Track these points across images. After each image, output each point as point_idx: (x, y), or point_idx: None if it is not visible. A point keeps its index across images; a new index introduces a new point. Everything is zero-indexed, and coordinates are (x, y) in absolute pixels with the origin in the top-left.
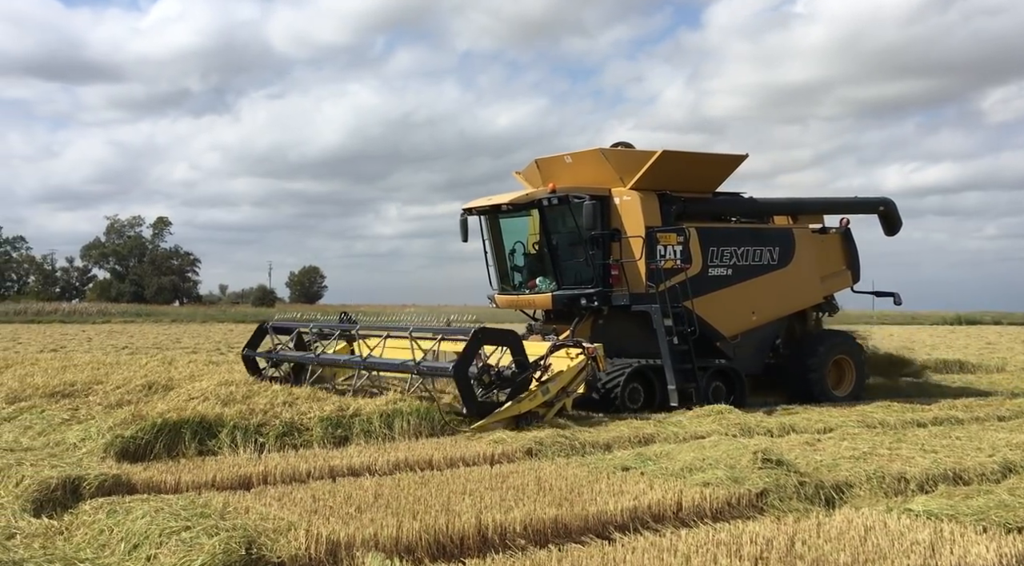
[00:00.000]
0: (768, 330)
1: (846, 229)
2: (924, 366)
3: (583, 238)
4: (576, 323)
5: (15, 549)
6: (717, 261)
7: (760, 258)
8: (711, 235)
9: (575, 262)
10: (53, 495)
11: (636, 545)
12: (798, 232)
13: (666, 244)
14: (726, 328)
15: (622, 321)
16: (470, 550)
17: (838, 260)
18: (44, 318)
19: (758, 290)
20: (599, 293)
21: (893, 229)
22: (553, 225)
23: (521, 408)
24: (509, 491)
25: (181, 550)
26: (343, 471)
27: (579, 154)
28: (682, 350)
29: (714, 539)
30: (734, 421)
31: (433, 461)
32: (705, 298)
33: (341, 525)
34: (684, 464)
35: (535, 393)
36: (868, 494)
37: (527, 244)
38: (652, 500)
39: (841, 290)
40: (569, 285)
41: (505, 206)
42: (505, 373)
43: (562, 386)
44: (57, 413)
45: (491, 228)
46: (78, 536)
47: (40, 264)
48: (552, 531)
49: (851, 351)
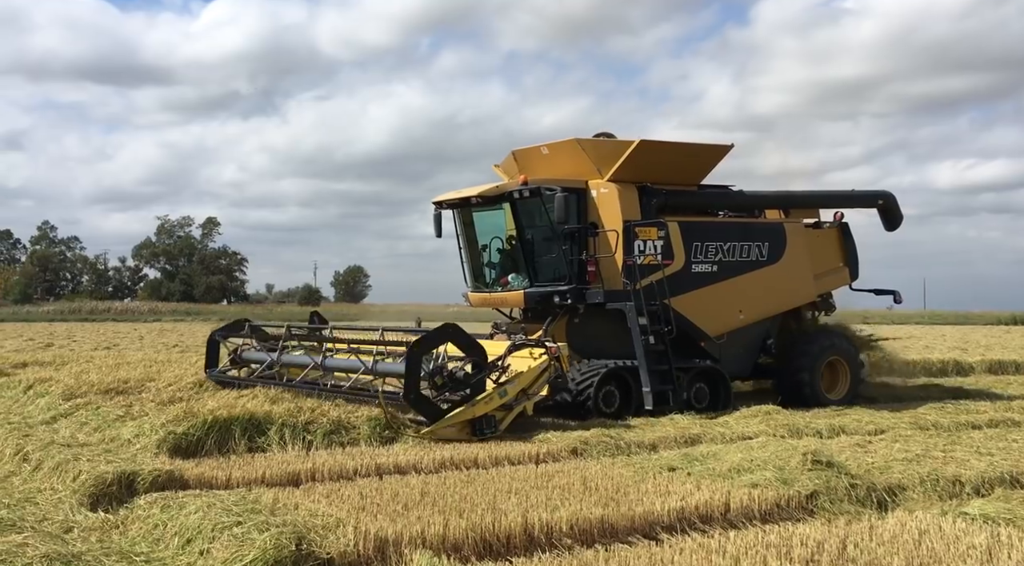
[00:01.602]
0: (757, 330)
1: (844, 224)
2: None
3: (556, 232)
4: (549, 322)
5: (73, 542)
6: (701, 257)
7: (748, 254)
8: (695, 229)
9: (549, 258)
10: (109, 490)
11: (684, 546)
12: (789, 227)
13: (645, 239)
14: (711, 327)
15: (599, 320)
16: (516, 549)
17: (835, 256)
18: (97, 317)
19: (746, 287)
20: (573, 290)
21: (893, 224)
22: (526, 219)
23: (475, 411)
24: (555, 490)
25: (233, 545)
26: (390, 469)
27: (556, 145)
28: (659, 350)
29: (763, 541)
30: (782, 422)
31: (478, 460)
32: (688, 296)
33: (389, 522)
34: (732, 465)
35: (491, 395)
36: (922, 497)
37: (503, 239)
38: (699, 501)
39: (838, 288)
40: (543, 282)
41: (475, 199)
42: (457, 374)
43: (522, 388)
44: (112, 410)
45: (463, 222)
46: (133, 530)
47: (93, 264)
48: (598, 531)
49: (845, 352)
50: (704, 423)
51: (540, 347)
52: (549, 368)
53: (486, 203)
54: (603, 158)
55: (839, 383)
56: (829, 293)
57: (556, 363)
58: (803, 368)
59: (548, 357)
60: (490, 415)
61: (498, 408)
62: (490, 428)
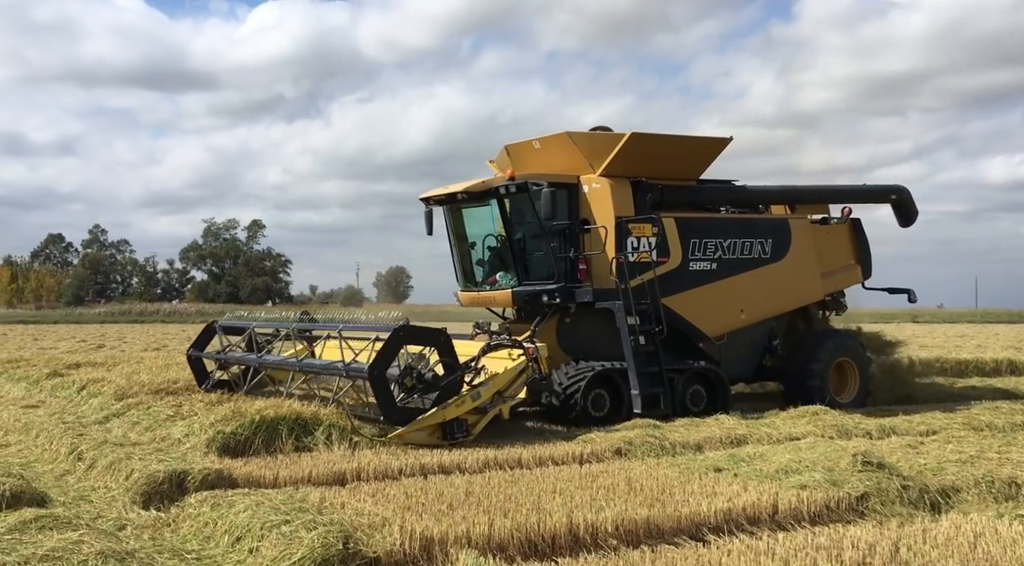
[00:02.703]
0: (760, 330)
1: (855, 220)
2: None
3: (544, 229)
4: (538, 322)
5: (127, 540)
6: (699, 254)
7: (750, 251)
8: (692, 226)
9: (538, 255)
10: (160, 488)
11: (731, 547)
12: (795, 223)
13: (639, 236)
14: (710, 327)
15: (591, 320)
16: (562, 549)
17: (846, 254)
18: (147, 318)
19: (747, 286)
20: (561, 289)
21: (908, 220)
22: (514, 215)
23: (446, 415)
24: (599, 491)
25: (282, 543)
26: (434, 469)
27: (547, 139)
28: (649, 351)
29: (813, 543)
30: (830, 422)
31: (522, 460)
32: (685, 295)
33: (434, 522)
34: (779, 466)
35: (463, 398)
36: (976, 499)
37: (494, 237)
38: (747, 502)
39: (849, 286)
40: (532, 280)
41: (460, 195)
42: (426, 375)
43: (496, 390)
44: (162, 409)
45: (453, 219)
46: (184, 528)
47: (143, 266)
48: (644, 532)
49: (854, 353)
50: (750, 423)
51: (517, 348)
52: (527, 370)
53: (472, 199)
54: (595, 152)
55: (848, 385)
56: (842, 292)
57: (534, 364)
58: (811, 370)
59: (526, 358)
60: (461, 419)
61: (471, 411)
62: (461, 432)
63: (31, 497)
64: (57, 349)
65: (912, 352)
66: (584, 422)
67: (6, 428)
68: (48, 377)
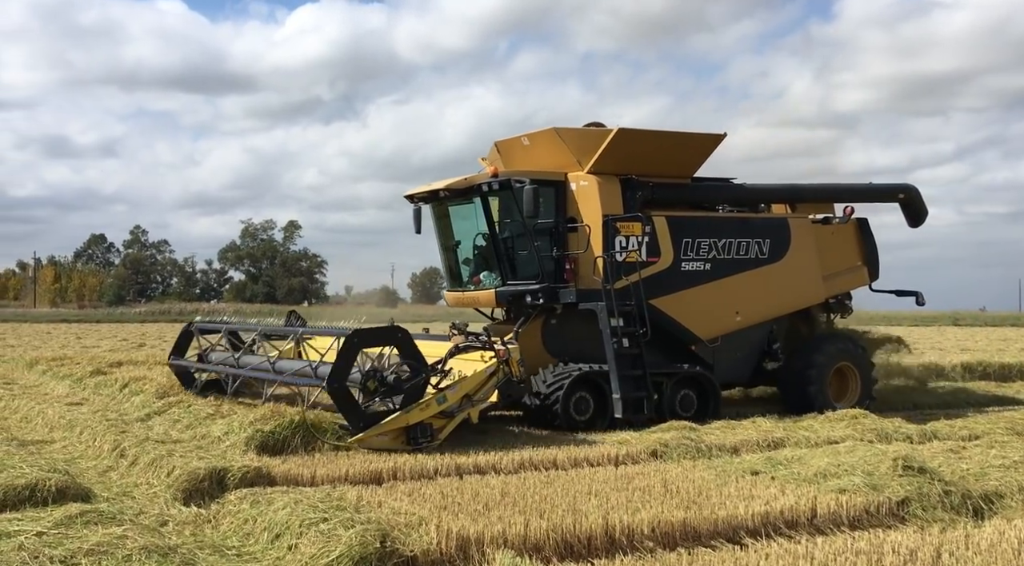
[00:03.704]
0: (757, 333)
1: (862, 220)
2: None
3: (528, 227)
4: (522, 323)
5: (169, 535)
6: (692, 254)
7: (746, 251)
8: (684, 225)
9: (522, 255)
10: (201, 485)
11: (769, 551)
12: (794, 222)
13: (627, 235)
14: (703, 330)
15: (577, 321)
16: (598, 551)
17: (852, 255)
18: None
19: (743, 287)
20: (545, 289)
21: (917, 220)
22: (498, 213)
23: (410, 419)
24: (635, 492)
25: (320, 541)
26: (469, 469)
27: (536, 135)
28: (633, 354)
29: (853, 548)
30: (870, 426)
31: (557, 461)
32: (676, 296)
33: (470, 522)
34: (818, 470)
35: (429, 402)
36: (1021, 505)
37: (483, 236)
38: (785, 506)
39: (855, 288)
40: (517, 280)
41: (443, 192)
42: (388, 378)
43: (464, 393)
44: (202, 408)
45: (438, 217)
46: (224, 524)
47: (182, 267)
48: (680, 534)
49: (855, 357)
50: (788, 426)
51: (488, 349)
52: (498, 372)
53: (457, 197)
54: (583, 149)
55: (849, 391)
56: (848, 294)
57: (505, 367)
58: (809, 375)
59: (497, 360)
60: (426, 423)
61: (436, 415)
62: (425, 437)
63: (76, 492)
64: (100, 347)
65: (954, 357)
66: (565, 426)
67: (51, 425)
68: (91, 375)
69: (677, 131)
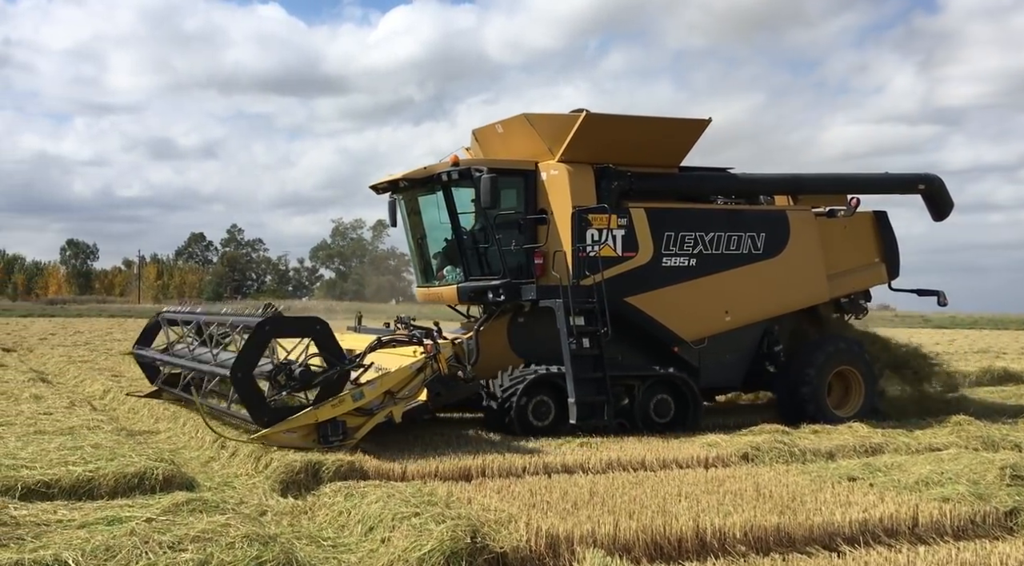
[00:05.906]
0: (750, 334)
1: (880, 213)
2: None
3: (489, 220)
4: (484, 321)
5: (267, 525)
6: (675, 249)
7: (738, 246)
8: (666, 217)
9: (485, 248)
10: (297, 477)
11: (868, 559)
12: (794, 215)
13: (600, 227)
14: (686, 330)
15: (547, 320)
16: (688, 553)
17: (867, 251)
18: None
19: (733, 285)
20: (506, 285)
21: (941, 213)
22: (461, 205)
23: (320, 415)
24: (726, 496)
25: (412, 534)
26: (557, 468)
27: (508, 121)
28: (592, 355)
29: (957, 558)
30: (975, 433)
31: (645, 462)
32: (656, 293)
33: (559, 520)
34: (919, 477)
35: (343, 397)
36: None
37: (456, 229)
38: (884, 513)
39: (871, 287)
40: (479, 276)
41: (402, 182)
42: (296, 371)
43: (386, 390)
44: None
45: (409, 210)
46: (320, 516)
47: (276, 265)
48: (774, 539)
49: (857, 361)
50: (887, 432)
51: (417, 344)
52: (425, 369)
53: (417, 186)
54: (554, 136)
55: (851, 397)
56: (867, 292)
57: (434, 363)
58: (804, 379)
59: (425, 356)
60: (339, 420)
61: (352, 412)
62: (337, 436)
63: (181, 481)
64: None
65: (1005, 362)
66: (521, 431)
67: (157, 416)
68: None
69: (653, 117)
